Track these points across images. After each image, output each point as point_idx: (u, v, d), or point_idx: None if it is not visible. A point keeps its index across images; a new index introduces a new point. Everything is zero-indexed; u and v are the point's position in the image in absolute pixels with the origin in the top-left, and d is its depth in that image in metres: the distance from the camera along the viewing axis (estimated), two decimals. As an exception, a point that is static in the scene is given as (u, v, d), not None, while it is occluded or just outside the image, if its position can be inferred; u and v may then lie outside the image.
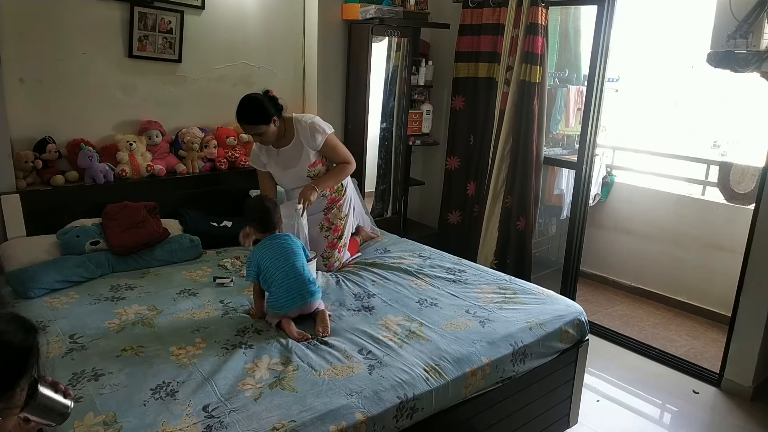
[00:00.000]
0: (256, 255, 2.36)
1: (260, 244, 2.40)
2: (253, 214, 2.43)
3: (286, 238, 2.43)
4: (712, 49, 2.83)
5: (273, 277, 2.31)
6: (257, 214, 2.41)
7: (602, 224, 4.54)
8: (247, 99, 2.72)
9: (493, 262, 3.84)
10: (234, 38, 3.49)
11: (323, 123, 2.89)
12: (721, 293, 3.78)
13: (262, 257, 2.33)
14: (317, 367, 2.00)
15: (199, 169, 3.36)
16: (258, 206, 2.44)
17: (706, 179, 4.17)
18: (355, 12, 3.62)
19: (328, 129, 2.88)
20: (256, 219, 2.42)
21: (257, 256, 2.34)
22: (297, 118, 2.87)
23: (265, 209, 2.41)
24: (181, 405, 1.76)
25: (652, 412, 3.02)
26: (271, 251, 2.35)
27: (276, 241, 2.39)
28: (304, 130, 2.83)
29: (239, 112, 2.70)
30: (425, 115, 4.18)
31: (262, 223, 2.41)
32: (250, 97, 2.74)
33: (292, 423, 1.70)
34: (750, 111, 4.66)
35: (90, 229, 2.83)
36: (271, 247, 2.37)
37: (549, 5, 3.55)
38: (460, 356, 2.13)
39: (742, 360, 3.07)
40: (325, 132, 2.86)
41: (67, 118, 3.01)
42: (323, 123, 2.89)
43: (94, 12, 2.99)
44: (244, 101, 2.71)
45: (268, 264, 2.32)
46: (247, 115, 2.70)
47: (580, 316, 2.58)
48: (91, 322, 2.24)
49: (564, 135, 4.29)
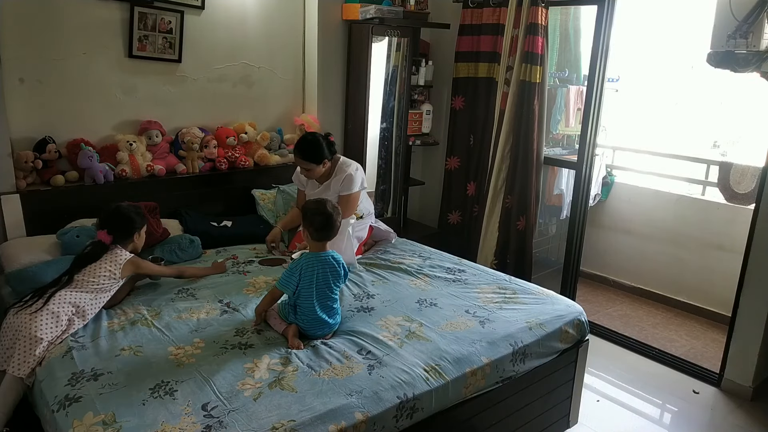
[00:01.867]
0: (299, 265, 2.23)
1: (308, 256, 2.27)
2: (312, 217, 2.27)
3: (333, 259, 2.29)
4: (712, 49, 2.83)
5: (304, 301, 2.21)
6: (316, 218, 2.25)
7: (602, 224, 4.54)
8: (310, 137, 2.97)
9: (493, 262, 3.84)
10: (234, 38, 3.49)
11: (359, 180, 3.04)
12: (721, 293, 3.78)
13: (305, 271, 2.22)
14: (317, 367, 2.00)
15: (199, 169, 3.36)
16: (321, 210, 2.27)
17: (706, 179, 4.17)
18: (355, 12, 3.62)
19: (356, 187, 3.02)
20: (314, 223, 2.26)
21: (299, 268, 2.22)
22: (342, 163, 3.06)
23: (327, 214, 2.26)
24: (181, 405, 1.76)
25: (652, 412, 3.02)
26: (315, 269, 2.23)
27: (322, 259, 2.26)
28: (340, 176, 3.01)
29: (299, 146, 2.93)
30: (425, 115, 4.18)
31: (320, 230, 2.26)
32: (314, 136, 2.98)
33: (291, 423, 1.70)
34: (750, 111, 4.66)
35: (90, 229, 2.82)
36: (318, 264, 2.24)
37: (549, 5, 3.55)
38: (459, 356, 2.13)
39: (742, 360, 3.07)
40: (351, 190, 3.01)
41: (67, 118, 3.02)
42: (359, 180, 3.04)
43: (94, 12, 2.99)
44: (305, 138, 2.96)
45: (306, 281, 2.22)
46: (303, 151, 2.92)
47: (580, 316, 2.58)
48: (91, 322, 2.24)
49: (564, 135, 4.29)
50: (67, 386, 1.84)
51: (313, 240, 2.29)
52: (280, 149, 3.71)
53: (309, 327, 2.22)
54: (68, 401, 1.77)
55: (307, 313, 2.21)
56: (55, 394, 1.82)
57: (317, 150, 2.91)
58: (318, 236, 2.28)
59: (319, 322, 2.22)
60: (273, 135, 3.67)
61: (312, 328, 2.23)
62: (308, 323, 2.22)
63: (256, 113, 3.69)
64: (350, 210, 3.04)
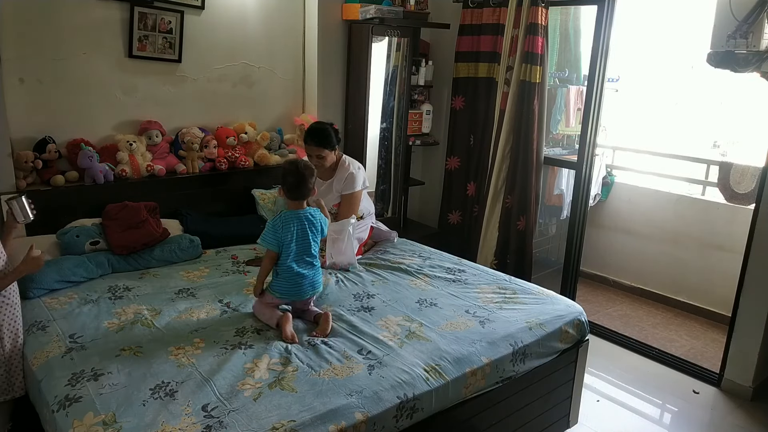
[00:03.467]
0: (276, 223, 2.31)
1: (286, 213, 2.33)
2: (286, 176, 2.33)
3: (311, 215, 2.36)
4: (712, 49, 2.83)
5: (285, 258, 2.29)
6: (290, 178, 2.32)
7: (602, 224, 4.54)
8: (319, 124, 3.04)
9: (493, 262, 3.84)
10: (234, 38, 3.49)
11: (360, 179, 3.06)
12: (721, 293, 3.78)
13: (285, 228, 2.29)
14: (317, 367, 2.00)
15: (199, 169, 3.36)
16: (293, 170, 2.33)
17: (706, 179, 4.17)
18: (355, 12, 3.62)
19: (359, 186, 3.04)
20: (287, 183, 2.33)
21: (277, 225, 2.30)
22: (344, 161, 3.08)
23: (299, 174, 2.31)
24: (181, 405, 1.76)
25: (652, 412, 3.02)
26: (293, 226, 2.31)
27: (300, 216, 2.32)
28: (342, 175, 3.03)
29: (311, 133, 2.95)
30: (425, 115, 4.18)
31: (292, 189, 2.33)
32: (321, 124, 3.05)
33: (291, 423, 1.70)
34: (750, 111, 4.66)
35: (90, 229, 2.83)
36: (295, 220, 2.32)
37: (549, 5, 3.55)
38: (460, 356, 2.13)
39: (742, 360, 3.07)
40: (354, 189, 3.02)
41: (67, 118, 3.01)
42: (360, 179, 3.06)
43: (94, 12, 2.99)
44: (314, 127, 3.01)
45: (286, 239, 2.29)
46: (316, 137, 2.94)
47: (580, 316, 2.58)
48: (91, 322, 2.24)
49: (564, 135, 4.29)
50: (67, 386, 1.84)
51: (289, 199, 2.37)
52: (280, 149, 3.71)
53: (291, 287, 2.31)
54: (68, 401, 1.76)
55: (288, 271, 2.30)
56: (55, 394, 1.81)
57: (328, 135, 2.94)
58: (292, 195, 2.36)
59: (300, 277, 2.31)
60: (273, 135, 3.67)
61: (294, 288, 2.31)
62: (289, 282, 2.30)
63: (256, 113, 3.69)
64: (353, 209, 3.04)
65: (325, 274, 2.85)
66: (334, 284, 2.72)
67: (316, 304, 2.47)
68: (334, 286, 2.71)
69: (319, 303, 2.50)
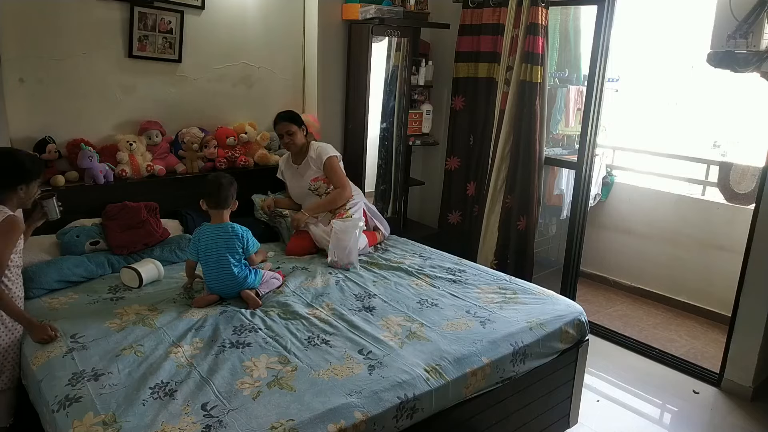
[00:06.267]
0: (194, 236, 2.51)
1: (206, 226, 2.51)
2: (206, 186, 2.52)
3: (232, 231, 2.50)
4: (712, 49, 2.83)
5: (204, 267, 2.49)
6: (208, 188, 2.51)
7: (602, 224, 4.54)
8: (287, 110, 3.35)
9: (493, 262, 3.84)
10: (234, 38, 3.49)
11: (331, 148, 3.34)
12: (721, 293, 3.78)
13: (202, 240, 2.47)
14: (316, 366, 2.00)
15: (199, 169, 3.36)
16: (213, 180, 2.53)
17: (706, 179, 4.17)
18: (355, 12, 3.62)
19: (332, 152, 3.30)
20: (206, 192, 2.51)
21: (195, 238, 2.50)
22: (314, 143, 3.37)
23: (217, 184, 2.50)
24: (180, 405, 1.76)
25: (652, 412, 3.02)
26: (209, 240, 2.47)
27: (217, 230, 2.49)
28: (315, 150, 3.29)
29: (279, 114, 3.27)
30: (425, 115, 4.18)
31: (207, 196, 2.50)
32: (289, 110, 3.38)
33: (290, 422, 1.69)
34: (750, 111, 4.66)
35: (90, 229, 2.83)
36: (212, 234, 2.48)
37: (549, 5, 3.54)
38: (460, 356, 2.13)
39: (742, 360, 3.07)
40: (328, 153, 3.27)
41: (67, 118, 3.01)
42: (331, 148, 3.34)
43: (94, 12, 2.99)
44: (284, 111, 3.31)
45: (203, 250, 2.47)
46: (285, 115, 3.25)
47: (580, 316, 2.58)
48: (91, 322, 2.24)
49: (564, 135, 4.29)
50: (67, 386, 1.84)
51: (210, 209, 2.52)
52: (280, 149, 3.71)
53: (216, 288, 2.49)
54: (68, 401, 1.77)
55: (208, 276, 2.49)
56: (55, 394, 1.81)
57: (296, 115, 3.26)
58: (208, 203, 2.51)
59: (218, 286, 2.48)
60: (273, 135, 3.66)
61: (218, 289, 2.49)
62: (209, 286, 2.50)
63: (256, 113, 3.69)
64: (338, 175, 3.25)
65: (325, 273, 2.86)
66: (335, 284, 2.72)
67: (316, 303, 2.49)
68: (335, 286, 2.71)
69: (320, 303, 2.52)
